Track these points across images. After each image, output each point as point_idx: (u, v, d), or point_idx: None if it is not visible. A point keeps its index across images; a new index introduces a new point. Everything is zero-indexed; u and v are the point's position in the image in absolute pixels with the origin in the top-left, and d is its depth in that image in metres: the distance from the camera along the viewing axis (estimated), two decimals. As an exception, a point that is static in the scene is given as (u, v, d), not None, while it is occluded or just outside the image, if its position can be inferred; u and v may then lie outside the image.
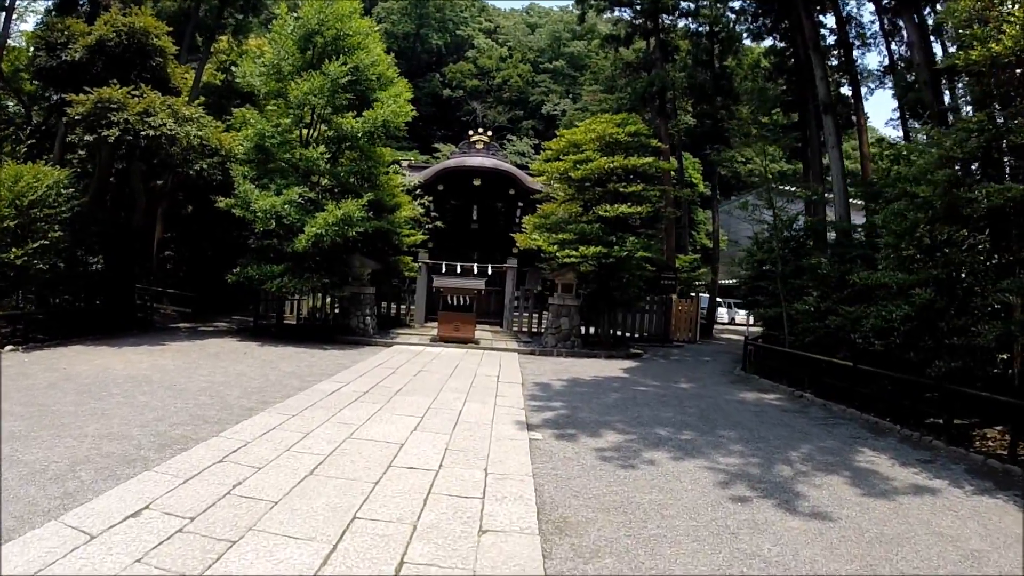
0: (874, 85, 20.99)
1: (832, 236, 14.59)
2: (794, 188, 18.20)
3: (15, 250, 10.85)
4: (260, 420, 6.47)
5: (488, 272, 17.39)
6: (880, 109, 71.56)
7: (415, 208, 17.48)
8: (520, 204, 21.07)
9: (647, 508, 4.61)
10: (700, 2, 23.77)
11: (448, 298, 15.51)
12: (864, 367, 9.19)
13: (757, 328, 16.71)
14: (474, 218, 21.85)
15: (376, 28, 16.48)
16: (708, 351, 17.75)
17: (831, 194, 15.63)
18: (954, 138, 8.16)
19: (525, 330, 17.48)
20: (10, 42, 18.47)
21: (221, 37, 20.81)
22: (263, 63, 14.63)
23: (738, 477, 5.52)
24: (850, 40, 19.43)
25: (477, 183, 20.80)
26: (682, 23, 24.53)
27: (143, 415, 6.39)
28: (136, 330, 13.72)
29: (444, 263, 17.40)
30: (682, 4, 23.45)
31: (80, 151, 15.43)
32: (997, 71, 7.70)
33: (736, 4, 23.20)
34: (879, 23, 19.41)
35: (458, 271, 17.30)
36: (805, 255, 13.51)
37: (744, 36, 23.63)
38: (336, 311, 16.21)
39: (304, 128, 14.69)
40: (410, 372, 10.38)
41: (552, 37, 56.64)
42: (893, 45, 19.48)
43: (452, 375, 10.30)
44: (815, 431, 7.77)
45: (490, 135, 22.40)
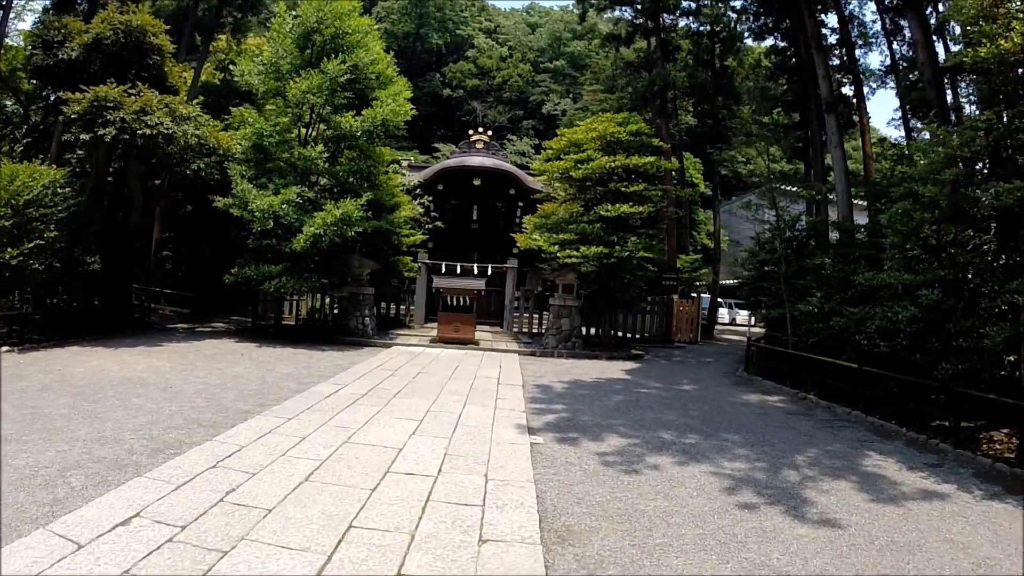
0: (876, 85, 21.01)
1: (835, 236, 14.49)
2: (796, 188, 18.12)
3: (11, 250, 10.75)
4: (255, 423, 6.35)
5: (488, 272, 17.27)
6: (881, 110, 71.54)
7: (415, 208, 17.36)
8: (520, 204, 20.96)
9: (652, 516, 4.49)
10: (701, 1, 23.71)
11: (448, 299, 15.38)
12: (869, 369, 9.08)
13: (758, 329, 16.59)
14: (474, 218, 21.74)
15: (375, 27, 16.37)
16: (710, 352, 17.63)
17: (833, 194, 15.53)
18: (961, 137, 8.05)
19: (525, 331, 17.36)
20: (8, 41, 18.35)
21: (220, 36, 20.77)
22: (261, 62, 14.50)
23: (744, 483, 5.41)
24: (852, 39, 19.36)
25: (477, 183, 20.69)
26: (683, 22, 24.50)
27: (136, 418, 6.28)
28: (133, 331, 13.60)
29: (444, 263, 17.28)
30: (683, 3, 23.35)
31: (79, 151, 15.33)
32: (1005, 69, 7.60)
33: (737, 3, 23.16)
34: (881, 22, 19.36)
35: (458, 271, 17.18)
36: (808, 255, 13.42)
37: (745, 35, 23.58)
38: (335, 312, 16.10)
39: (303, 127, 14.57)
40: (409, 374, 10.26)
41: (552, 37, 56.49)
42: (895, 45, 19.45)
43: (452, 377, 10.19)
44: (820, 434, 7.66)
45: (490, 135, 22.30)
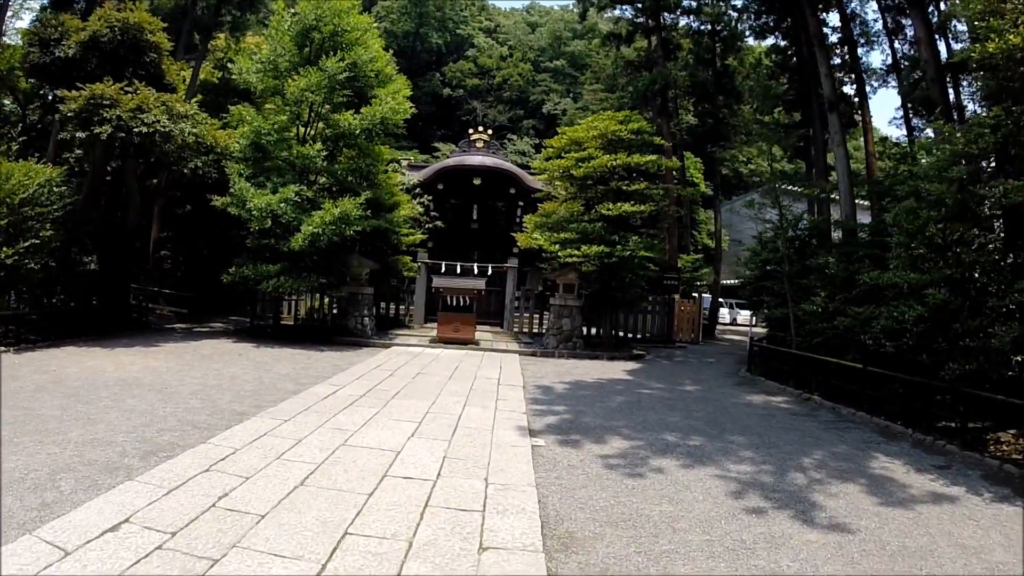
0: (878, 83, 20.88)
1: (838, 235, 14.38)
2: (798, 187, 18.02)
3: (6, 249, 10.64)
4: (251, 425, 6.23)
5: (488, 272, 17.16)
6: (882, 109, 71.28)
7: (414, 207, 17.25)
8: (521, 203, 20.85)
9: (657, 521, 4.37)
10: (702, 0, 23.57)
11: (448, 298, 15.25)
12: (874, 369, 8.96)
13: (760, 329, 16.48)
14: (474, 217, 21.63)
15: (375, 25, 16.25)
16: (712, 352, 17.52)
17: (836, 193, 15.42)
18: (967, 134, 7.94)
19: (526, 331, 17.24)
20: (6, 40, 18.26)
21: (218, 34, 20.68)
22: (260, 60, 14.38)
23: (751, 486, 5.29)
24: (854, 37, 19.25)
25: (477, 182, 20.58)
26: (684, 21, 24.40)
27: (130, 420, 6.16)
28: (131, 331, 13.48)
29: (444, 263, 17.16)
30: (684, 2, 23.26)
31: (76, 150, 15.22)
32: (1013, 64, 7.49)
33: (738, 2, 23.09)
34: (883, 21, 19.23)
35: (458, 271, 17.06)
36: (811, 255, 13.32)
37: (746, 34, 23.49)
38: (334, 312, 15.98)
39: (301, 125, 14.45)
40: (408, 374, 10.15)
41: (553, 36, 56.36)
42: (897, 43, 19.35)
43: (451, 377, 10.07)
44: (826, 436, 7.54)
45: (490, 134, 22.19)
